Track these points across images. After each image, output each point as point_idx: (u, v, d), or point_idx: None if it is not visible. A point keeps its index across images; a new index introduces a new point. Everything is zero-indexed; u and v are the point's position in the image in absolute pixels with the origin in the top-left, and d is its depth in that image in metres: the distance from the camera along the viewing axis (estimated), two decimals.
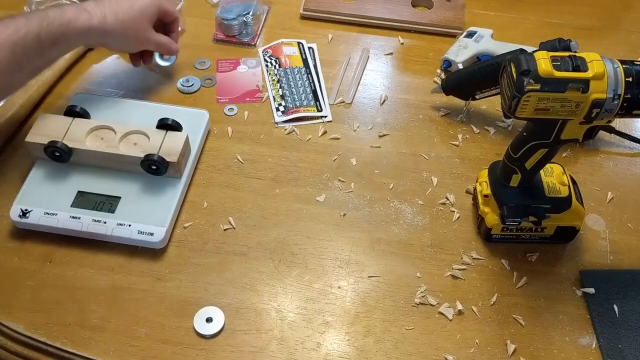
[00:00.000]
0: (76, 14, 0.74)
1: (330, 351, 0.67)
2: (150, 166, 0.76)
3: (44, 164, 0.78)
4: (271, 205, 0.79)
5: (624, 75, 0.60)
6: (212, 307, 0.69)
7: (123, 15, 0.78)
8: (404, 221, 0.78)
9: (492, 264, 0.75)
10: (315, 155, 0.85)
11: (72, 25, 0.74)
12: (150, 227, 0.73)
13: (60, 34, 0.73)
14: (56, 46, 0.74)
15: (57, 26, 0.72)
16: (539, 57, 0.60)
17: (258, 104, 0.91)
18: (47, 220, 0.73)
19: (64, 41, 0.75)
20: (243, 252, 0.75)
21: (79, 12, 0.75)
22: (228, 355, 0.66)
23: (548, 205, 0.71)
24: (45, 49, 0.73)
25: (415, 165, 0.84)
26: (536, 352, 0.68)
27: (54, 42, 0.73)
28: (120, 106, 0.84)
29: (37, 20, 0.71)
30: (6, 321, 0.68)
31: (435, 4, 1.05)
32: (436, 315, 0.70)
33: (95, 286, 0.71)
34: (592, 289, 0.72)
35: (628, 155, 0.87)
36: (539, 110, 0.62)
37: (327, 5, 1.03)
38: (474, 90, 0.86)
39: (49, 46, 0.73)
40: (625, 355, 0.67)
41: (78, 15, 0.74)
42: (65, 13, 0.74)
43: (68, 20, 0.73)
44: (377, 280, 0.73)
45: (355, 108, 0.91)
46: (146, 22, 0.82)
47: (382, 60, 0.98)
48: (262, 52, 0.98)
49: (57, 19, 0.72)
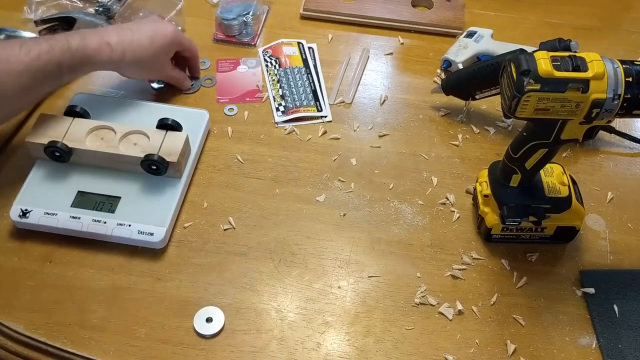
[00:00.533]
0: (98, 48, 0.76)
1: (330, 351, 0.67)
2: (150, 166, 0.76)
3: (44, 164, 0.78)
4: (271, 205, 0.79)
5: (624, 75, 0.60)
6: (212, 307, 0.69)
7: (141, 53, 0.80)
8: (404, 221, 0.78)
9: (492, 264, 0.75)
10: (315, 155, 0.85)
11: (92, 59, 0.76)
12: (150, 227, 0.73)
13: (79, 65, 0.75)
14: (73, 73, 0.77)
15: (79, 57, 0.74)
16: (539, 57, 0.60)
17: (258, 104, 0.91)
18: (47, 220, 0.73)
19: (82, 70, 0.77)
20: (243, 252, 0.75)
21: (101, 47, 0.76)
22: (228, 355, 0.66)
23: (548, 205, 0.71)
24: (64, 76, 0.75)
25: (415, 165, 0.84)
26: (536, 352, 0.68)
27: (73, 70, 0.75)
28: (120, 106, 0.84)
29: (59, 48, 0.73)
30: (6, 321, 0.68)
31: (435, 4, 1.05)
32: (436, 315, 0.70)
33: (95, 286, 0.71)
34: (592, 289, 0.72)
35: (628, 155, 0.87)
36: (539, 110, 0.62)
37: (327, 5, 1.03)
38: (474, 90, 0.86)
39: (67, 73, 0.75)
40: (625, 355, 0.67)
41: (100, 51, 0.76)
42: (88, 45, 0.75)
43: (90, 55, 0.75)
44: (377, 280, 0.73)
45: (355, 108, 0.91)
46: (163, 57, 0.85)
47: (382, 60, 0.98)
48: (262, 52, 0.98)
49: (79, 51, 0.74)
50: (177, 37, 0.85)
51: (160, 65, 0.85)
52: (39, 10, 0.99)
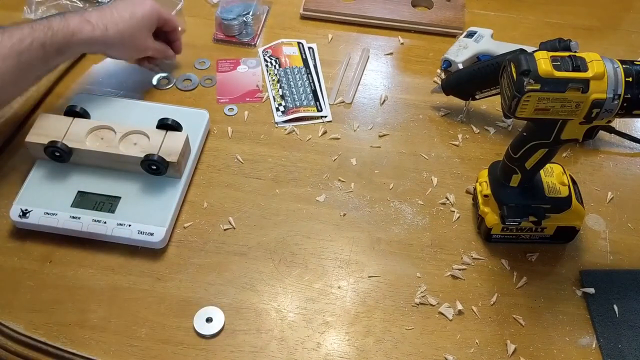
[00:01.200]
0: (79, 25, 0.76)
1: (330, 351, 0.67)
2: (150, 166, 0.76)
3: (44, 164, 0.78)
4: (271, 205, 0.79)
5: (624, 75, 0.60)
6: (212, 307, 0.69)
7: (124, 26, 0.80)
8: (404, 221, 0.78)
9: (492, 264, 0.75)
10: (315, 155, 0.85)
11: (75, 37, 0.76)
12: (150, 227, 0.73)
13: (64, 44, 0.75)
14: (60, 55, 0.76)
15: (61, 37, 0.74)
16: (539, 57, 0.60)
17: (258, 104, 0.91)
18: (47, 220, 0.73)
19: (68, 50, 0.77)
20: (243, 252, 0.75)
21: (82, 24, 0.76)
22: (228, 355, 0.66)
23: (548, 205, 0.71)
24: (50, 57, 0.75)
25: (415, 165, 0.84)
26: (536, 352, 0.68)
27: (58, 51, 0.75)
28: (120, 106, 0.84)
29: (41, 30, 0.73)
30: (6, 321, 0.68)
31: (435, 4, 1.05)
32: (436, 315, 0.70)
33: (95, 286, 0.71)
34: (592, 289, 0.72)
35: (628, 155, 0.87)
36: (539, 110, 0.62)
37: (327, 5, 1.03)
38: (474, 90, 0.86)
39: (53, 55, 0.75)
40: (625, 355, 0.67)
41: (81, 27, 0.76)
42: (69, 24, 0.75)
43: (72, 32, 0.75)
44: (377, 280, 0.73)
45: (355, 108, 0.91)
46: (145, 30, 0.84)
47: (382, 60, 0.98)
48: (262, 52, 0.98)
49: (61, 30, 0.74)
50: (155, 9, 0.85)
51: (143, 39, 0.85)
52: (39, 10, 0.99)
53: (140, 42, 0.85)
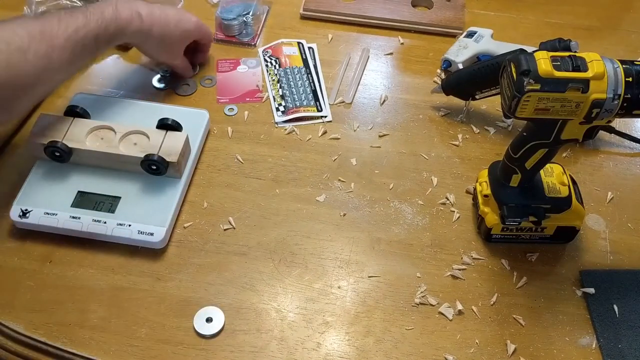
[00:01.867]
0: (130, 18, 0.78)
1: (330, 351, 0.67)
2: (150, 166, 0.76)
3: (44, 164, 0.78)
4: (271, 205, 0.79)
5: (624, 75, 0.60)
6: (212, 307, 0.69)
7: (168, 32, 0.83)
8: (404, 221, 0.78)
9: (492, 264, 0.75)
10: (315, 155, 0.85)
11: (125, 30, 0.78)
12: (150, 227, 0.73)
13: (113, 36, 0.77)
14: (108, 45, 0.78)
15: (113, 29, 0.76)
16: (539, 57, 0.60)
17: (258, 104, 0.91)
18: (47, 220, 0.73)
19: (116, 41, 0.79)
20: (243, 252, 0.75)
21: (132, 16, 0.78)
22: (228, 355, 0.66)
23: (548, 205, 0.71)
24: (100, 48, 0.77)
25: (415, 165, 0.84)
26: (536, 352, 0.68)
27: (108, 42, 0.78)
28: (120, 106, 0.84)
29: (95, 21, 0.74)
30: (6, 321, 0.68)
31: (435, 4, 1.05)
32: (436, 315, 0.70)
33: (95, 286, 0.71)
34: (592, 289, 0.72)
35: (628, 155, 0.87)
36: (539, 110, 0.62)
37: (327, 5, 1.03)
38: (474, 90, 0.86)
39: (103, 45, 0.77)
40: (625, 355, 0.67)
41: (131, 20, 0.78)
42: (121, 15, 0.77)
43: (122, 26, 0.77)
44: (377, 280, 0.73)
45: (355, 108, 0.91)
46: (182, 45, 0.88)
47: (382, 60, 0.98)
48: (262, 52, 0.98)
49: (113, 22, 0.76)
50: (198, 27, 0.88)
51: (177, 51, 0.88)
52: (39, 10, 0.99)
53: (174, 53, 0.87)
